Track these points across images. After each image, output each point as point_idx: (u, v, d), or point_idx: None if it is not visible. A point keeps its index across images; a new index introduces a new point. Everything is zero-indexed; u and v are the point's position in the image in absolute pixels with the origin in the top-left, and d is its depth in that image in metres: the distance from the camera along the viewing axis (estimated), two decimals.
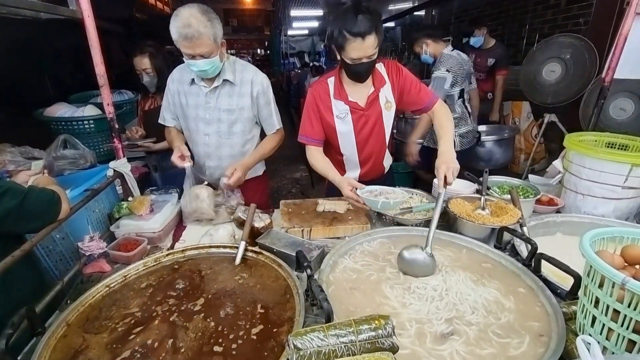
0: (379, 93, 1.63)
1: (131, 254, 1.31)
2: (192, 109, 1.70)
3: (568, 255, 1.08)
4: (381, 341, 0.64)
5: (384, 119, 1.70)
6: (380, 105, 1.66)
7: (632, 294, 0.67)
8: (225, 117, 1.69)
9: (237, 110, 1.68)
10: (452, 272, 1.15)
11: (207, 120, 1.70)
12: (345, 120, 1.66)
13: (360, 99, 1.65)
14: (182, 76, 1.69)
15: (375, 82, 1.63)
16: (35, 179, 1.34)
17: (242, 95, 1.66)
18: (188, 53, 1.47)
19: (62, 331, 0.94)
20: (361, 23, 1.35)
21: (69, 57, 3.94)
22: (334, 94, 1.64)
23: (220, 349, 0.87)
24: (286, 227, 1.48)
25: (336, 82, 1.63)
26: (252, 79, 1.66)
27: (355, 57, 1.44)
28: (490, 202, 1.50)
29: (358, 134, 1.70)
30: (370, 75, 1.58)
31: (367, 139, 1.72)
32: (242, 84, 1.66)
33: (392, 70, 1.64)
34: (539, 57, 3.51)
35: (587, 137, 1.69)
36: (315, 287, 0.92)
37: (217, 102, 1.66)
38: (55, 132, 2.33)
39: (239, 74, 1.66)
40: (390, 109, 1.68)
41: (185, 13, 1.40)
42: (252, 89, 1.66)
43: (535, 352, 0.84)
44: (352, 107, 1.64)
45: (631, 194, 1.44)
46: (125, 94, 3.12)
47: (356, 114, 1.66)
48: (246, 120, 1.72)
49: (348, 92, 1.64)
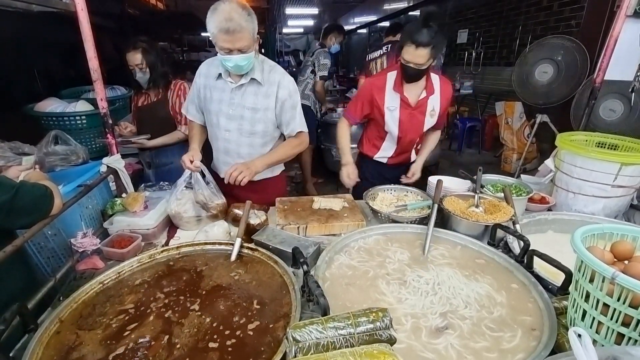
0: (428, 99, 1.87)
1: (125, 251, 1.30)
2: (216, 104, 1.69)
3: (559, 252, 1.11)
4: (379, 333, 0.65)
5: (425, 122, 1.94)
6: (427, 110, 1.90)
7: (621, 288, 0.69)
8: (248, 115, 1.66)
9: (262, 110, 1.65)
10: (446, 267, 1.17)
11: (229, 115, 1.68)
12: (394, 113, 1.90)
13: (412, 97, 1.87)
14: (209, 70, 1.68)
15: (427, 88, 1.86)
16: (27, 174, 1.32)
17: (268, 96, 1.64)
18: (226, 47, 1.43)
19: (55, 328, 0.93)
20: (422, 35, 1.58)
21: (59, 52, 3.88)
22: (393, 86, 1.86)
23: (216, 345, 0.87)
24: (282, 224, 1.48)
25: (397, 76, 1.85)
26: (279, 81, 1.63)
27: (407, 59, 1.68)
28: (484, 200, 1.52)
29: (401, 127, 1.93)
30: (421, 80, 1.83)
31: (406, 133, 1.96)
32: (269, 84, 1.63)
33: (445, 87, 1.91)
34: (531, 59, 3.56)
35: (578, 136, 1.73)
36: (312, 283, 0.92)
37: (242, 99, 1.64)
38: (46, 128, 2.29)
39: (267, 75, 1.63)
40: (434, 116, 1.93)
41: (226, 7, 1.38)
42: (278, 91, 1.63)
43: (528, 346, 0.86)
44: (403, 101, 1.87)
45: (620, 193, 1.47)
46: (118, 89, 3.08)
47: (405, 109, 1.88)
48: (269, 121, 1.69)
49: (404, 88, 1.85)
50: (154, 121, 2.29)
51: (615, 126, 2.43)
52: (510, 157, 4.88)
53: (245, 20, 1.40)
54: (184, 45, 9.59)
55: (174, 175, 1.71)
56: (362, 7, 10.76)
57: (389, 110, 1.89)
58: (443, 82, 1.91)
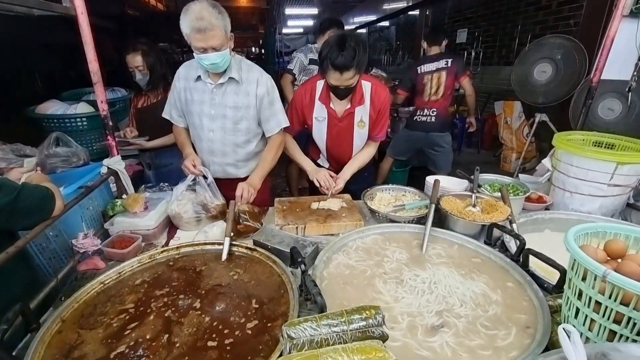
0: (354, 110, 1.80)
1: (125, 251, 1.32)
2: (197, 105, 1.71)
3: (555, 251, 1.11)
4: (371, 330, 0.66)
5: (354, 134, 1.88)
6: (354, 121, 1.83)
7: (612, 286, 0.70)
8: (230, 114, 1.69)
9: (244, 108, 1.68)
10: (442, 266, 1.18)
11: (211, 116, 1.70)
12: (322, 124, 1.86)
13: (339, 109, 1.81)
14: (188, 73, 1.70)
15: (353, 100, 1.77)
16: (29, 176, 1.34)
17: (248, 94, 1.67)
18: (200, 46, 1.47)
19: (57, 327, 0.94)
20: (342, 58, 1.51)
21: (60, 54, 3.90)
22: (319, 96, 1.80)
23: (215, 344, 0.89)
24: (281, 224, 1.49)
25: (324, 86, 1.76)
26: (257, 78, 1.66)
27: (334, 85, 1.63)
28: (481, 199, 1.53)
29: (328, 139, 1.90)
30: (350, 95, 1.73)
31: (335, 146, 1.93)
32: (248, 82, 1.66)
33: (377, 96, 1.78)
34: (530, 58, 3.57)
35: (575, 136, 1.74)
36: (309, 282, 0.94)
37: (223, 98, 1.67)
38: (47, 130, 2.31)
39: (245, 73, 1.67)
40: (363, 127, 1.85)
41: (197, 7, 1.41)
42: (257, 89, 1.66)
43: (522, 343, 0.87)
44: (330, 113, 1.82)
45: (616, 192, 1.48)
46: (118, 91, 3.10)
47: (332, 121, 1.84)
48: (252, 118, 1.72)
49: (331, 99, 1.80)
50: (154, 122, 2.30)
51: (613, 125, 2.43)
52: (510, 157, 4.89)
53: (216, 18, 1.43)
54: (183, 46, 9.61)
55: (174, 176, 1.73)
56: (361, 7, 10.77)
57: (317, 121, 1.85)
58: (376, 89, 1.78)
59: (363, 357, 0.57)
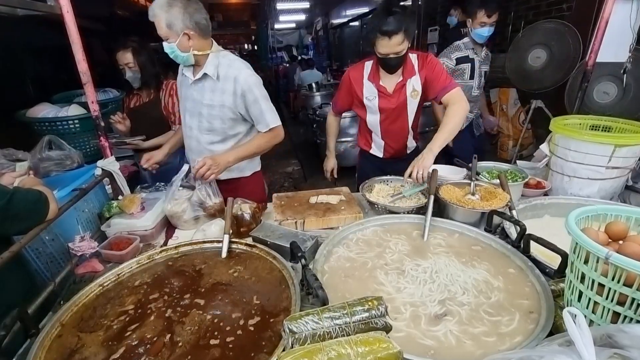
0: (406, 82, 1.80)
1: (124, 253, 1.30)
2: (183, 100, 1.72)
3: (556, 236, 1.11)
4: (375, 321, 0.66)
5: (408, 106, 1.87)
6: (407, 93, 1.82)
7: (615, 268, 0.70)
8: (206, 112, 1.66)
9: (218, 106, 1.63)
10: (443, 255, 1.17)
11: (191, 112, 1.70)
12: (373, 103, 1.86)
13: (389, 85, 1.82)
14: (181, 67, 1.72)
15: (404, 72, 1.78)
16: (21, 180, 1.31)
17: (223, 92, 1.62)
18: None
19: (57, 331, 0.93)
20: (391, 23, 1.53)
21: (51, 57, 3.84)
22: (368, 76, 1.83)
23: (217, 342, 0.88)
24: (279, 219, 1.48)
25: (373, 65, 1.82)
26: (235, 76, 1.59)
27: (384, 53, 1.63)
28: (479, 187, 1.53)
29: (382, 117, 1.89)
30: (401, 66, 1.75)
31: (390, 122, 1.90)
32: (225, 80, 1.61)
33: (424, 63, 1.79)
34: (524, 44, 3.55)
35: (572, 120, 1.73)
36: (310, 276, 0.93)
37: (199, 95, 1.65)
38: (39, 134, 2.27)
39: (223, 69, 1.61)
40: (417, 97, 1.83)
41: None
42: (235, 87, 1.60)
43: (526, 329, 0.87)
44: (380, 91, 1.83)
45: (615, 174, 1.48)
46: (110, 92, 3.06)
47: (383, 98, 1.84)
48: (226, 117, 1.66)
49: (381, 77, 1.82)
50: (148, 122, 2.27)
51: (609, 108, 2.43)
52: (507, 144, 4.88)
53: (159, 8, 1.46)
54: None
55: (170, 176, 1.70)
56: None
57: (368, 100, 1.86)
58: (422, 58, 1.79)
59: (367, 348, 0.57)
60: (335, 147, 2.24)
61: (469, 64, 2.61)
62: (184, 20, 1.48)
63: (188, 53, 1.56)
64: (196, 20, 1.51)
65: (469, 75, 2.64)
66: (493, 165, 1.81)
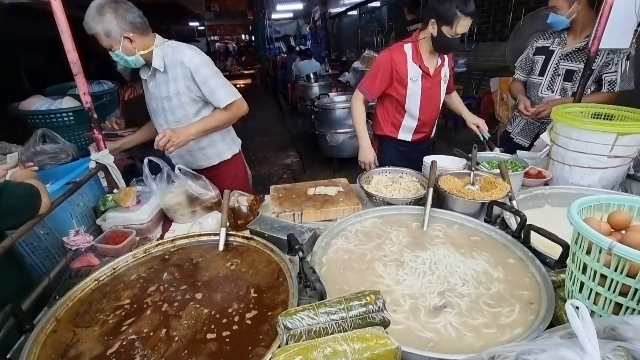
0: (444, 65, 1.98)
1: (119, 246, 1.29)
2: (148, 102, 1.72)
3: (556, 227, 1.10)
4: (372, 316, 0.64)
5: (440, 90, 2.04)
6: (441, 76, 2.00)
7: (618, 258, 0.68)
8: (167, 105, 1.67)
9: (174, 96, 1.63)
10: (442, 246, 1.16)
11: (156, 111, 1.71)
12: (416, 84, 1.95)
13: (431, 67, 1.95)
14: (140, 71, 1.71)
15: (441, 57, 1.96)
16: (13, 173, 1.29)
17: (175, 80, 1.61)
18: None
19: (52, 327, 0.92)
20: (471, 4, 1.66)
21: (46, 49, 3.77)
22: (412, 58, 1.91)
23: (214, 336, 0.87)
24: (277, 211, 1.46)
25: (414, 48, 1.91)
26: (181, 60, 1.58)
27: (460, 33, 1.73)
28: (479, 177, 1.51)
29: (423, 97, 1.98)
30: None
31: (428, 103, 2.02)
32: (172, 68, 1.60)
33: (449, 55, 2.02)
34: (525, 31, 3.49)
35: (574, 108, 1.70)
36: (308, 269, 0.91)
37: (157, 91, 1.65)
38: (32, 127, 2.23)
39: (169, 58, 1.60)
40: (446, 82, 2.04)
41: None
42: (182, 71, 1.59)
43: (526, 320, 0.86)
44: (424, 71, 1.93)
45: (616, 163, 1.46)
46: (105, 84, 3.00)
47: (426, 79, 1.95)
48: (186, 104, 1.66)
49: (424, 59, 1.92)
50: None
51: None
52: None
53: (92, 20, 1.45)
54: (171, 36, 9.38)
55: None
56: None
57: (412, 81, 1.92)
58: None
59: (364, 344, 0.55)
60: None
61: None
62: (119, 23, 1.47)
63: (135, 55, 1.55)
64: (131, 20, 1.49)
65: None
66: (493, 155, 1.79)
